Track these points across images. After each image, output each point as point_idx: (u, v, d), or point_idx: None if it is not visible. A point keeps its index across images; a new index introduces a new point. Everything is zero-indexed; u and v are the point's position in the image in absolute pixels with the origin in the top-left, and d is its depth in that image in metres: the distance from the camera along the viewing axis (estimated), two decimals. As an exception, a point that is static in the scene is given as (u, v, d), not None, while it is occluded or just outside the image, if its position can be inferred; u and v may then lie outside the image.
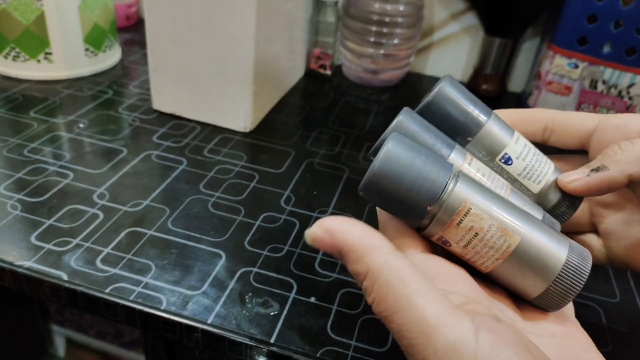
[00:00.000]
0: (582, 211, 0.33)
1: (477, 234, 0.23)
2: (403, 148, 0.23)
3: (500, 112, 0.31)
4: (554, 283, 0.23)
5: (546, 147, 0.31)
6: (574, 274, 0.23)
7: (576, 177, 0.27)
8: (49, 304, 1.06)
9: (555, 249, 0.23)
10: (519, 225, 0.23)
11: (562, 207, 0.29)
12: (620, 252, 0.31)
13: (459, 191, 0.23)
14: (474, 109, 0.28)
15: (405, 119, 0.26)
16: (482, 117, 0.28)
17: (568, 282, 0.23)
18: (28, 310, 1.03)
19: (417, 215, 0.23)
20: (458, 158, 0.26)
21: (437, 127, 0.27)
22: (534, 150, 0.29)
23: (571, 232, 0.34)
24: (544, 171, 0.28)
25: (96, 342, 1.09)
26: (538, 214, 0.26)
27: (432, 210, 0.23)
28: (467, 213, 0.23)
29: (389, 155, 0.22)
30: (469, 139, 0.28)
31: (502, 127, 0.28)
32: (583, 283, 0.23)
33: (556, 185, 0.29)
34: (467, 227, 0.23)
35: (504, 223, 0.23)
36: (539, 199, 0.29)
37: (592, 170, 0.27)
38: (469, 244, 0.23)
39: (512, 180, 0.28)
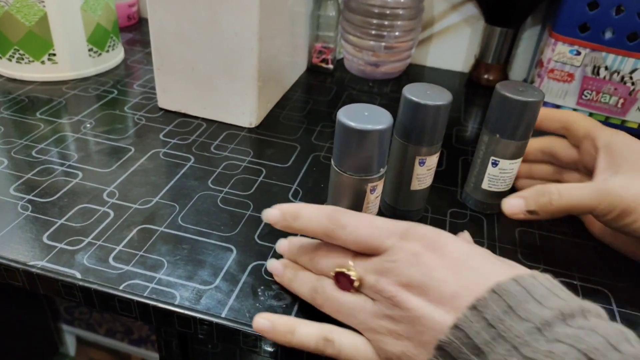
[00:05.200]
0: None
1: None
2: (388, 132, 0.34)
3: (544, 111, 0.42)
4: None
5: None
6: None
7: (516, 212, 0.36)
8: (58, 304, 1.06)
9: None
10: None
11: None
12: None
13: None
14: None
15: None
16: None
17: None
18: (38, 310, 1.03)
19: (373, 169, 0.35)
20: None
21: None
22: None
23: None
24: None
25: (106, 340, 1.10)
26: None
27: (382, 171, 0.35)
28: None
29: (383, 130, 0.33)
30: None
31: None
32: None
33: None
34: None
35: None
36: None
37: (528, 211, 0.36)
38: None
39: None
